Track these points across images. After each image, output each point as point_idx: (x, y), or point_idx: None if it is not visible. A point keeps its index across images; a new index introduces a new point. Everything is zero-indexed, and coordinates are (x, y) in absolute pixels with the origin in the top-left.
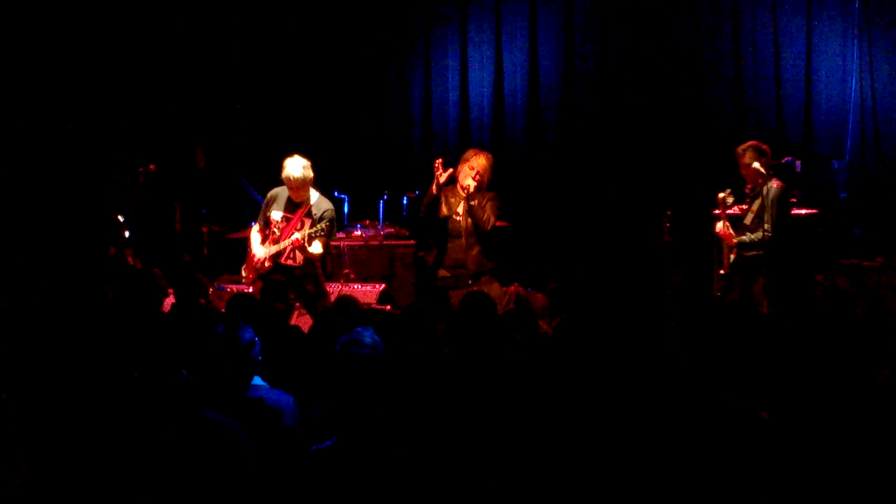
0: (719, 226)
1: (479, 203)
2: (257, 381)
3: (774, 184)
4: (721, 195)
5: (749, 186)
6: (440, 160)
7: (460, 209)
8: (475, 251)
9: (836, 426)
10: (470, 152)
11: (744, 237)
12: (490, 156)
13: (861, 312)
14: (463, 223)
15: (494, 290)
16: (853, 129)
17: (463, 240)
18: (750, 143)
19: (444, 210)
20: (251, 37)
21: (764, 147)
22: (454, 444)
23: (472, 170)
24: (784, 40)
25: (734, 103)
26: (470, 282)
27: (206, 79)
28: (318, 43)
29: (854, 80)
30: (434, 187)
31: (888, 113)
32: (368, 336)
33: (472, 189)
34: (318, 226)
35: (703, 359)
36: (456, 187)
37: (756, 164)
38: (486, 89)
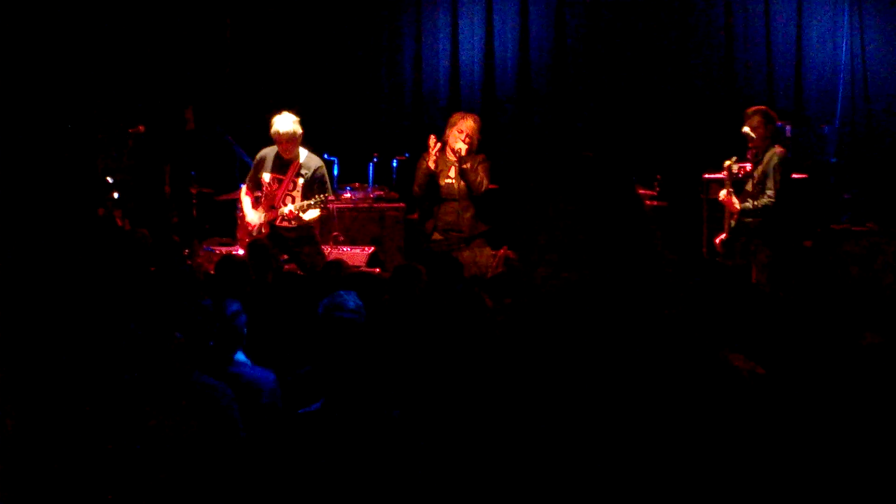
0: (722, 193)
1: (471, 166)
2: (240, 356)
3: (777, 150)
4: (727, 163)
5: (752, 151)
6: (433, 136)
7: (452, 173)
8: (469, 214)
9: (823, 390)
10: (457, 116)
11: (747, 204)
12: (477, 117)
13: (855, 275)
14: (456, 186)
15: (485, 253)
16: (843, 94)
17: (456, 203)
18: (760, 107)
19: (439, 171)
20: None
21: (773, 114)
22: (440, 406)
23: (462, 133)
24: (774, 4)
25: (724, 68)
26: (463, 245)
27: (196, 40)
28: (309, 5)
29: (844, 45)
30: (431, 163)
31: (878, 78)
32: (351, 300)
33: (463, 152)
34: (318, 197)
35: (698, 320)
36: (446, 151)
37: (769, 127)
38: (476, 52)
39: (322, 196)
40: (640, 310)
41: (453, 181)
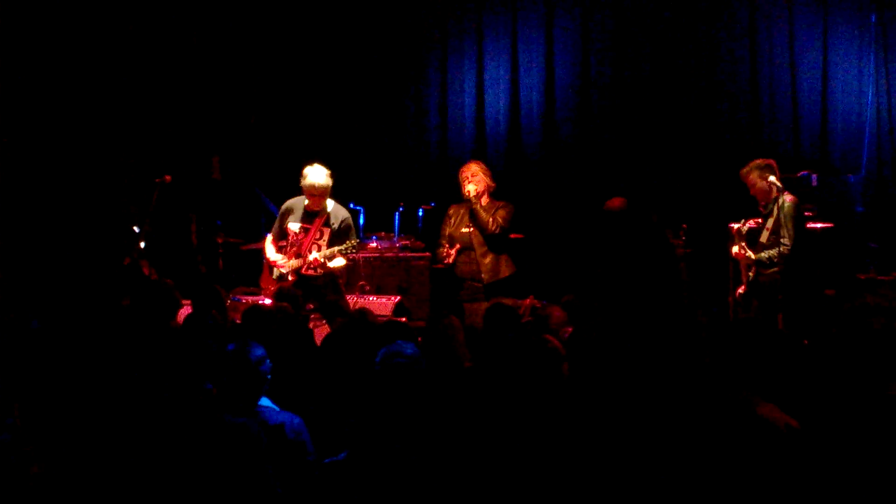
0: (735, 249)
1: (487, 210)
2: (265, 401)
3: (787, 198)
4: (735, 226)
5: (762, 204)
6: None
7: (467, 221)
8: (488, 259)
9: (849, 439)
10: (461, 170)
11: (762, 255)
12: (480, 162)
13: (879, 327)
14: (469, 234)
15: (508, 304)
16: (869, 143)
17: (473, 252)
18: (751, 163)
19: (452, 226)
20: (268, 49)
21: (769, 162)
22: (477, 456)
23: (468, 178)
24: (800, 53)
25: (750, 117)
26: (481, 296)
27: (223, 90)
28: (335, 55)
29: (870, 94)
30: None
31: None
32: (409, 348)
33: (472, 193)
34: (348, 243)
35: (722, 370)
36: (463, 205)
37: (772, 178)
38: (501, 101)
39: (351, 242)
40: (669, 360)
41: (468, 230)
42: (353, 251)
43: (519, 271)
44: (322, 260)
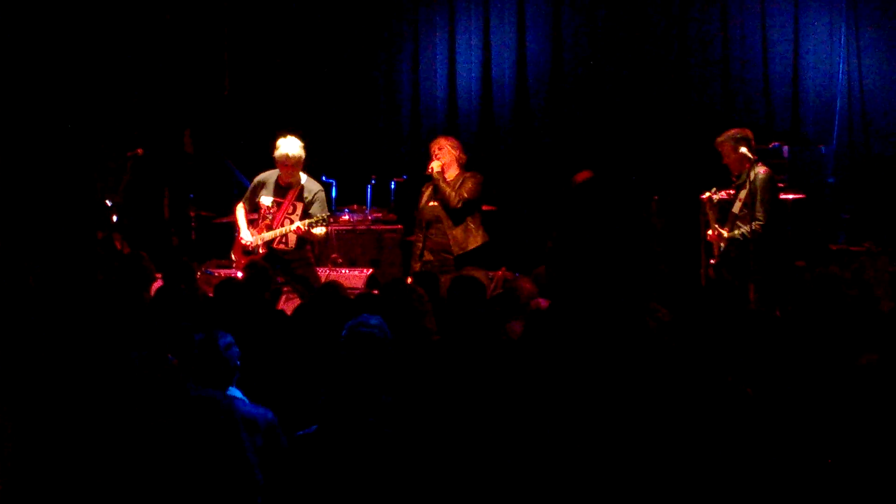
0: (709, 233)
1: (453, 182)
2: (235, 392)
3: (761, 170)
4: (706, 195)
5: (734, 174)
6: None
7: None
8: (456, 232)
9: (820, 411)
10: (431, 144)
11: (735, 233)
12: (451, 137)
13: (851, 298)
14: (437, 207)
15: (479, 276)
16: (840, 114)
17: (442, 224)
18: (726, 132)
19: (422, 200)
20: (239, 20)
21: (745, 132)
22: (445, 428)
23: (434, 154)
24: (772, 25)
25: (722, 88)
26: (452, 267)
27: (194, 63)
28: (306, 27)
29: (841, 65)
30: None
31: (875, 98)
32: (373, 318)
33: (435, 169)
34: (320, 215)
35: (694, 345)
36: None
37: (743, 149)
38: (473, 74)
39: (326, 214)
40: (637, 326)
41: (434, 204)
42: (325, 223)
43: (491, 243)
44: (305, 228)
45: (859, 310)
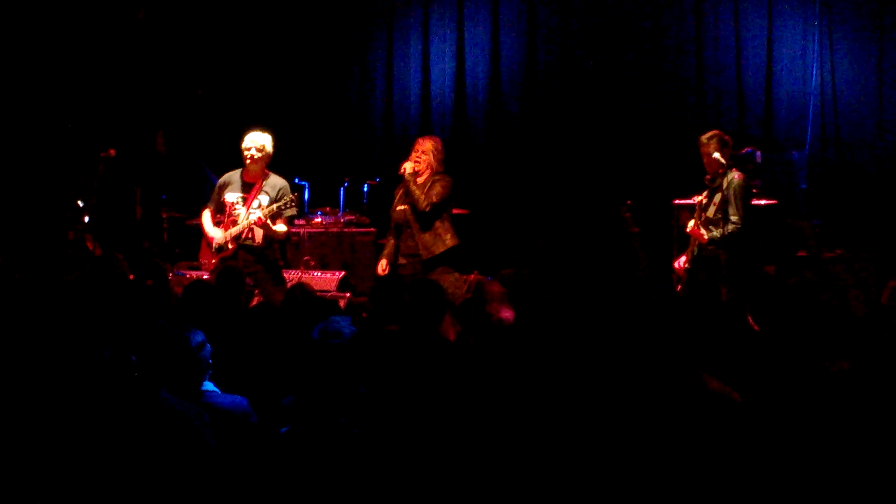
0: (691, 224)
1: (423, 184)
2: (209, 385)
3: (736, 175)
4: (697, 199)
5: (708, 177)
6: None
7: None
8: (425, 236)
9: (792, 415)
10: (419, 140)
11: (714, 234)
12: (436, 138)
13: (825, 304)
14: (407, 211)
15: (450, 279)
16: (813, 121)
17: (412, 227)
18: (714, 132)
19: (394, 203)
20: (213, 21)
21: (727, 138)
22: (415, 428)
23: (414, 154)
24: (745, 31)
25: (695, 93)
26: (421, 270)
27: (167, 63)
28: (280, 29)
29: (815, 72)
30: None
31: (848, 104)
32: (346, 326)
33: (408, 170)
34: (284, 199)
35: (671, 347)
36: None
37: (717, 154)
38: (447, 77)
39: (289, 198)
40: (622, 328)
41: (403, 208)
42: (293, 204)
43: (464, 246)
44: (265, 218)
45: (833, 316)
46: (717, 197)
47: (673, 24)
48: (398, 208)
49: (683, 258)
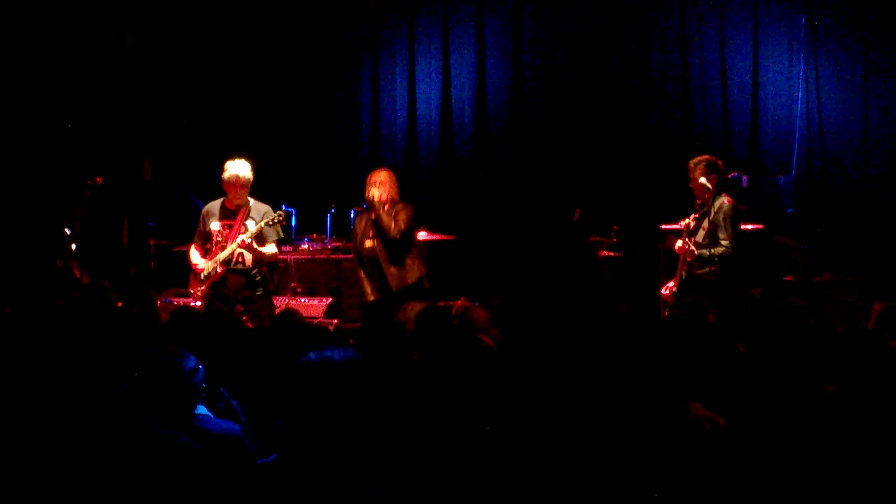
0: (679, 243)
1: (388, 213)
2: (202, 409)
3: (725, 200)
4: (685, 222)
5: (698, 202)
6: None
7: (371, 233)
8: (392, 270)
9: (783, 437)
10: (369, 174)
11: (704, 251)
12: (389, 170)
13: (810, 328)
14: (374, 248)
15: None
16: (799, 145)
17: (381, 263)
18: (703, 157)
19: (358, 237)
20: (199, 48)
21: (718, 163)
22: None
23: (374, 184)
24: (731, 55)
25: (681, 117)
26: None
27: (154, 92)
28: (267, 56)
29: (800, 96)
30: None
31: (834, 128)
32: (340, 352)
33: (377, 198)
34: (271, 216)
35: (657, 369)
36: (364, 214)
37: (703, 180)
38: (433, 103)
39: (277, 214)
40: (597, 359)
41: (371, 243)
42: (281, 219)
43: (451, 273)
44: (249, 240)
45: (818, 340)
46: (706, 222)
47: (658, 46)
48: (366, 244)
49: (671, 283)
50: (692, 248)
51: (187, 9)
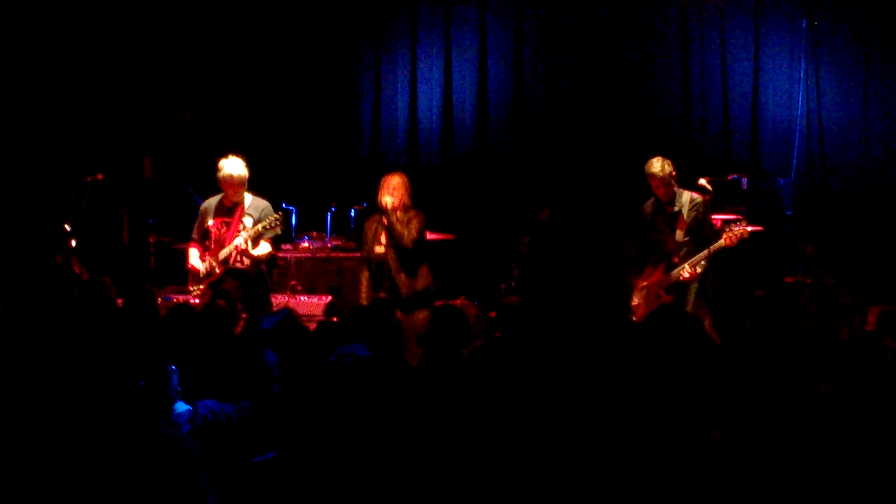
0: (685, 273)
1: (400, 220)
2: (180, 406)
3: (693, 195)
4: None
5: (667, 202)
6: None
7: (383, 239)
8: (402, 277)
9: (780, 439)
10: (384, 178)
11: (703, 254)
12: (403, 175)
13: (812, 330)
14: (386, 252)
15: (423, 315)
16: (799, 147)
17: (391, 268)
18: (662, 158)
19: (369, 241)
20: (200, 47)
21: (667, 160)
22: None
23: (387, 191)
24: (732, 58)
25: (682, 120)
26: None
27: (155, 88)
28: (268, 56)
29: (801, 99)
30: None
31: (834, 131)
32: (361, 350)
33: (390, 205)
34: (269, 218)
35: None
36: (376, 218)
37: (673, 181)
38: (434, 101)
39: (273, 217)
40: (597, 359)
41: (381, 249)
42: (278, 223)
43: (451, 273)
44: (245, 243)
45: (820, 341)
46: (678, 220)
47: (660, 50)
48: (376, 250)
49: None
50: (699, 267)
51: (189, 9)
